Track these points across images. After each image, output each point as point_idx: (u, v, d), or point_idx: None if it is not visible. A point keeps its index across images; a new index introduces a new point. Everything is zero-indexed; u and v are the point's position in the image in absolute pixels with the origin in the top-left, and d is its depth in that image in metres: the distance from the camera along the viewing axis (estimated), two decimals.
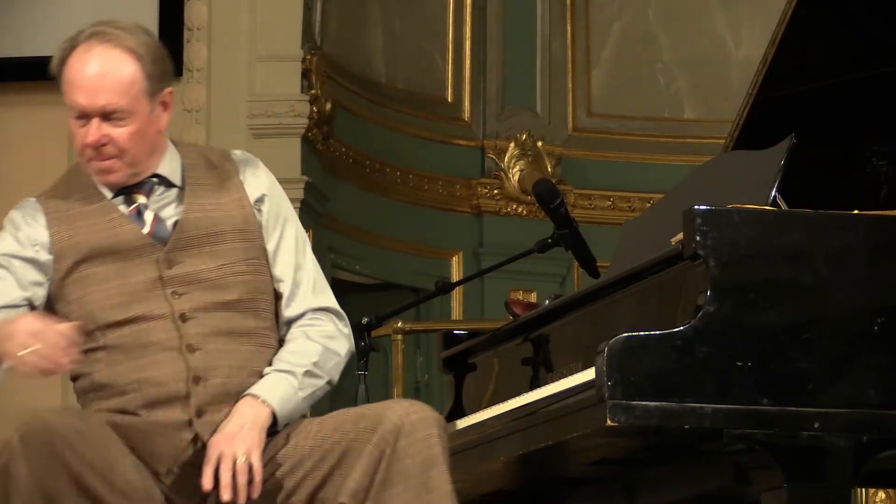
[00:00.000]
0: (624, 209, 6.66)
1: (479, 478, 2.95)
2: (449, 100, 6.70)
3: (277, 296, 2.26)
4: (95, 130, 2.10)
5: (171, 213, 2.20)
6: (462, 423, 2.84)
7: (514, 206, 6.66)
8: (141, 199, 2.18)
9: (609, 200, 6.76)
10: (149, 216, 2.17)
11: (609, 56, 7.04)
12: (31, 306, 2.16)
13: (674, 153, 6.60)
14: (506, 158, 6.58)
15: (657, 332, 2.23)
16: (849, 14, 2.98)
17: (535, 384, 2.75)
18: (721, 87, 6.74)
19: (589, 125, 6.96)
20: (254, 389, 2.12)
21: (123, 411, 2.13)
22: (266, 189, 2.30)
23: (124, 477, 2.08)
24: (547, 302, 2.99)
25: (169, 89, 2.15)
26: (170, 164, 2.21)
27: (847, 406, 2.31)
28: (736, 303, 2.24)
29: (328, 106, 5.94)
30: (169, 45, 2.98)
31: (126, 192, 2.18)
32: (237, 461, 2.04)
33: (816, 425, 2.27)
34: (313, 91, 5.86)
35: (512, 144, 6.58)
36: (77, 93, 2.13)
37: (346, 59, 6.35)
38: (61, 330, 2.04)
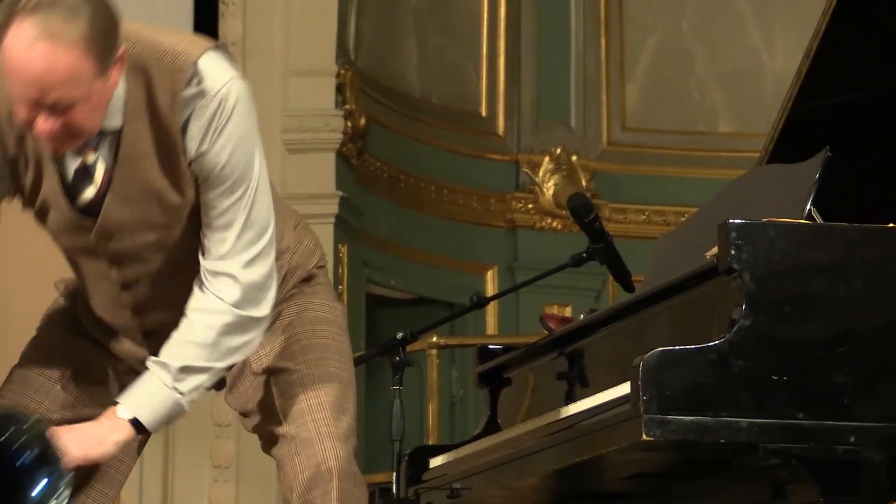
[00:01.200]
0: (659, 223, 6.65)
1: (514, 493, 2.97)
2: (483, 114, 6.71)
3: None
4: (47, 123, 1.87)
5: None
6: (498, 439, 2.84)
7: (549, 221, 6.67)
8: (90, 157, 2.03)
9: (644, 214, 6.74)
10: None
11: (643, 70, 7.03)
12: None
13: (708, 167, 6.58)
14: (540, 173, 6.58)
15: (692, 347, 2.22)
16: (883, 27, 2.99)
17: (570, 399, 2.76)
18: (755, 100, 6.73)
19: (624, 139, 6.94)
20: (121, 397, 2.06)
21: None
22: None
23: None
24: (582, 316, 3.00)
25: (121, 50, 1.88)
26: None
27: (883, 420, 2.30)
28: (771, 317, 2.23)
29: (362, 121, 5.93)
30: None
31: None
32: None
33: (852, 439, 2.25)
34: (347, 106, 5.86)
35: (546, 159, 6.58)
36: (20, 84, 1.89)
37: (381, 73, 6.38)
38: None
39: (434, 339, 4.98)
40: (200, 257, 2.07)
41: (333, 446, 2.16)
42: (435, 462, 3.22)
